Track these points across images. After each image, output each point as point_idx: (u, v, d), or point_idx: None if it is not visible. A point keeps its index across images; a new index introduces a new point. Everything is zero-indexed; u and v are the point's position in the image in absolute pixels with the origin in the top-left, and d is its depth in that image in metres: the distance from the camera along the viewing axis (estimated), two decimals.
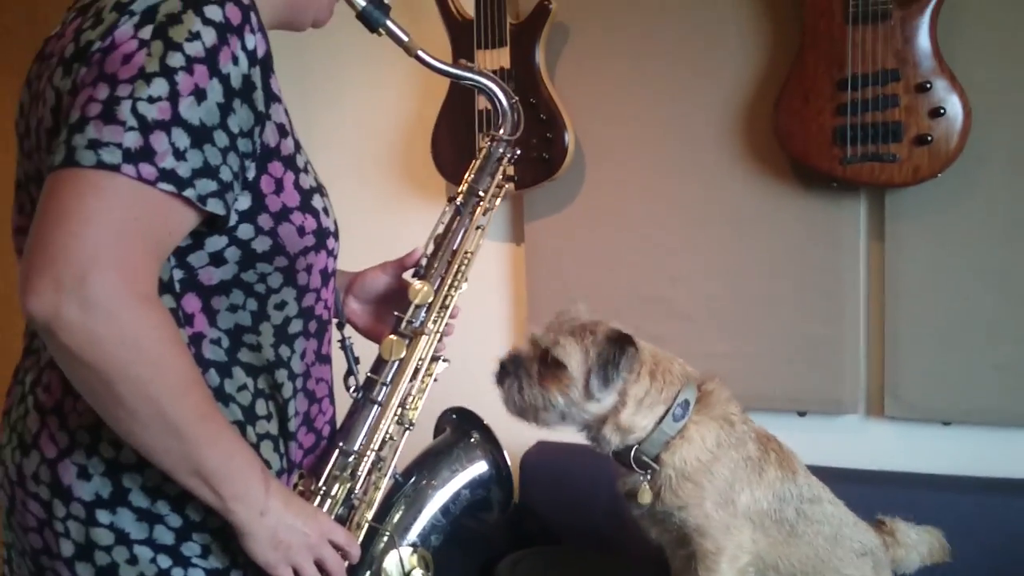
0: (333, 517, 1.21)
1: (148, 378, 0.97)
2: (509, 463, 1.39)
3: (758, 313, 2.26)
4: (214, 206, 1.01)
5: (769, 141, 2.16)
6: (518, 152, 1.44)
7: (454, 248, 1.35)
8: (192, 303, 1.09)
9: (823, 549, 1.59)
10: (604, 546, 2.24)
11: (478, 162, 1.41)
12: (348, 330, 1.35)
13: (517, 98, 1.43)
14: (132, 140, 0.95)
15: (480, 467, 1.38)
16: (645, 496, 1.55)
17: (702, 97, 2.26)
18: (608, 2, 2.32)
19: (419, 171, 2.56)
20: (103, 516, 1.08)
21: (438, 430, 1.46)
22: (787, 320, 2.23)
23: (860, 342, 2.20)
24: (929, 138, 1.96)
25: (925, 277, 2.12)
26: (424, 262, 1.35)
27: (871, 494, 1.88)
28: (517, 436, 2.13)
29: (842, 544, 1.61)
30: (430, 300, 1.31)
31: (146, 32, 0.98)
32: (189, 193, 0.98)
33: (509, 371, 1.55)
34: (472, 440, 1.39)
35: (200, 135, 0.99)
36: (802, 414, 2.25)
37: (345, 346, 1.31)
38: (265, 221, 1.09)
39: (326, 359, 1.26)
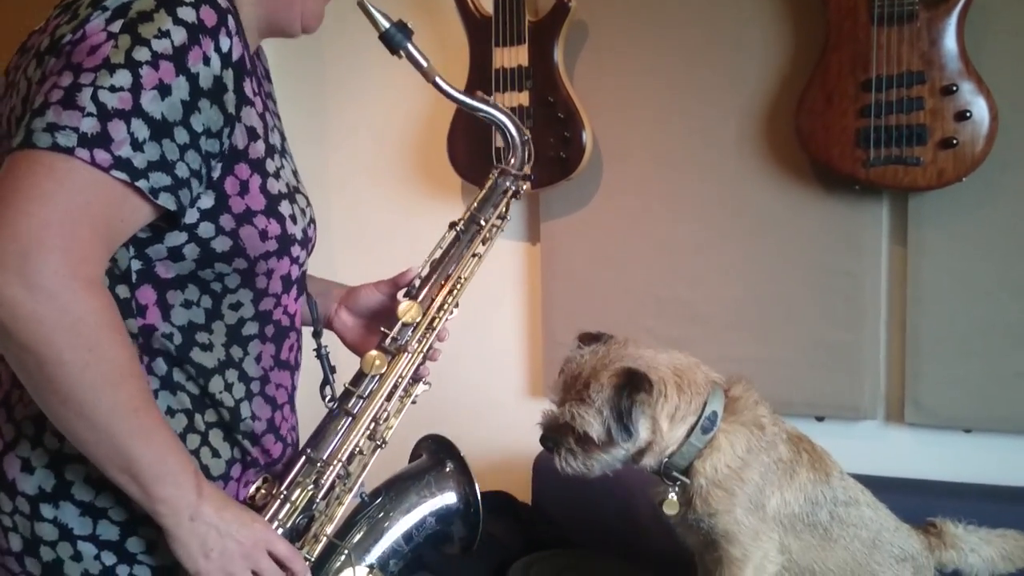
0: (291, 524, 1.19)
1: (83, 363, 0.97)
2: (480, 499, 1.35)
3: (777, 317, 2.23)
4: (165, 200, 1.02)
5: (790, 142, 2.13)
6: (525, 187, 1.43)
7: (449, 273, 1.35)
8: (147, 294, 1.10)
9: (860, 553, 1.57)
10: (618, 550, 2.22)
11: (483, 192, 1.40)
12: (325, 339, 1.35)
13: (529, 135, 1.43)
14: (89, 125, 0.96)
15: (449, 498, 1.35)
16: (672, 507, 1.55)
17: (723, 97, 2.23)
18: (628, 0, 2.29)
19: (435, 169, 2.54)
20: (47, 511, 1.08)
21: (414, 456, 1.44)
22: (806, 324, 2.21)
23: (880, 347, 2.17)
24: (954, 141, 1.93)
25: (948, 282, 2.09)
26: (418, 283, 1.35)
27: (890, 501, 1.85)
28: (530, 437, 2.11)
29: (881, 549, 1.59)
30: (418, 320, 1.30)
31: (116, 26, 1.00)
32: (142, 184, 0.99)
33: (552, 447, 1.56)
34: (446, 470, 1.36)
35: (160, 129, 1.00)
36: (820, 419, 2.22)
37: (321, 355, 1.31)
38: (227, 221, 1.09)
39: (286, 365, 1.25)
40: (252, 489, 1.21)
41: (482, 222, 1.37)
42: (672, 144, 2.29)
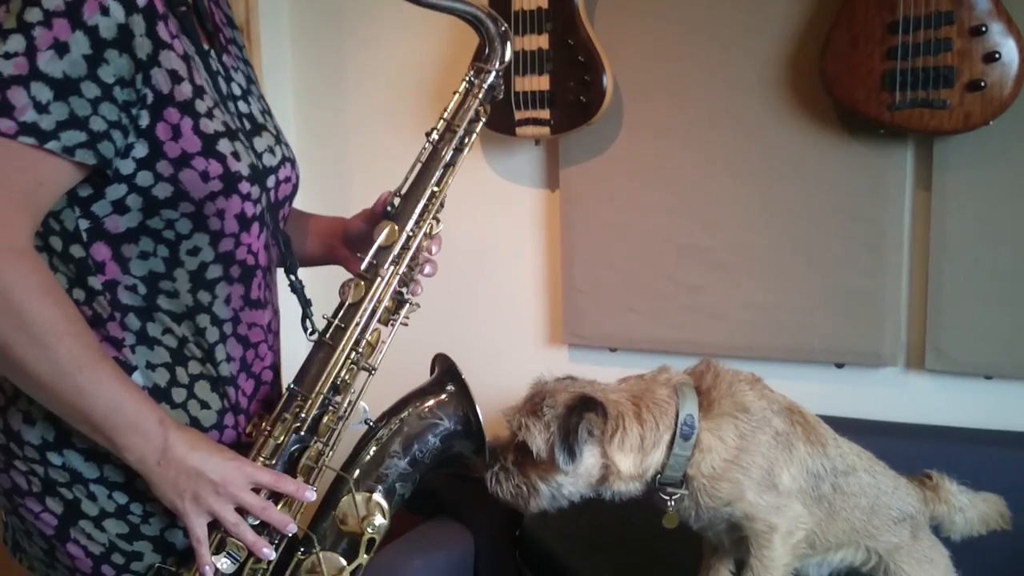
0: (279, 458, 1.21)
1: (12, 328, 1.00)
2: (481, 417, 1.33)
3: (798, 263, 2.22)
4: (83, 156, 1.03)
5: (815, 86, 2.10)
6: (502, 85, 1.36)
7: (426, 188, 1.31)
8: (101, 251, 1.12)
9: (859, 521, 1.55)
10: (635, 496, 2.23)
11: (458, 95, 1.35)
12: (303, 272, 1.34)
13: (507, 25, 1.36)
14: None
15: (451, 420, 1.33)
16: (671, 521, 1.50)
17: (746, 39, 2.19)
18: None
19: None
20: (54, 457, 1.13)
21: (432, 370, 1.43)
22: (828, 270, 2.19)
23: (902, 294, 2.15)
24: (982, 84, 1.89)
25: (972, 229, 2.06)
26: (397, 201, 1.32)
27: (909, 448, 1.85)
28: None
29: (879, 513, 1.57)
30: (394, 240, 1.28)
31: None
32: (52, 145, 1.00)
33: (491, 464, 1.48)
34: (446, 393, 1.35)
35: (64, 88, 1.00)
36: (840, 366, 2.22)
37: (295, 289, 1.30)
38: (164, 168, 1.10)
39: (259, 304, 1.25)
40: (249, 427, 1.24)
41: (456, 128, 1.33)
42: (694, 88, 2.26)
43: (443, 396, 1.34)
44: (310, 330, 1.28)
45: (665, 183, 2.32)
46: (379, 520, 1.25)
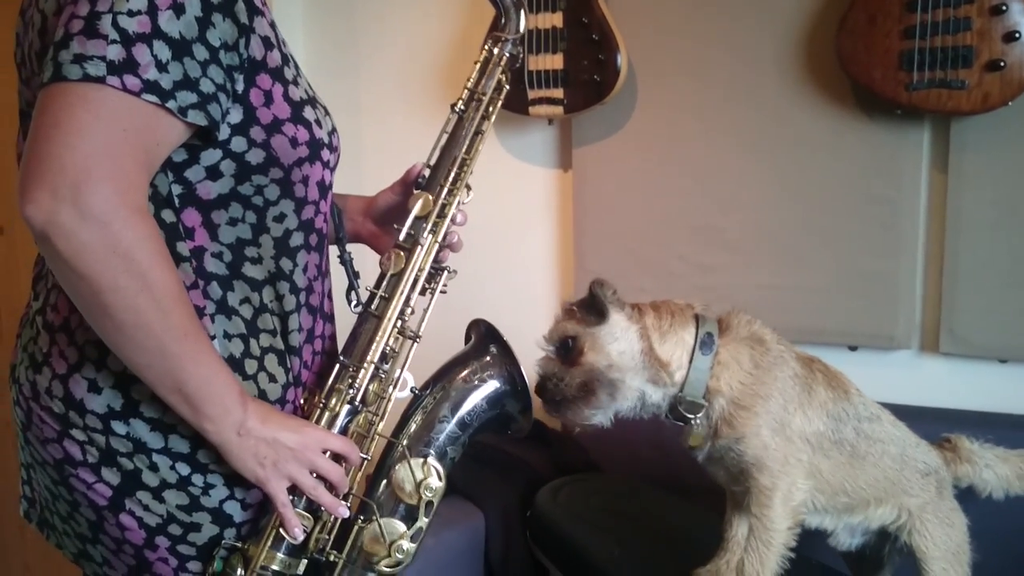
0: (338, 430, 1.23)
1: (135, 289, 1.00)
2: (526, 377, 1.36)
3: (812, 244, 2.20)
4: (195, 117, 1.04)
5: (831, 64, 2.08)
6: (520, 53, 1.39)
7: (455, 156, 1.34)
8: (192, 217, 1.13)
9: (891, 470, 1.56)
10: (645, 475, 2.23)
11: (479, 64, 1.38)
12: (348, 245, 1.37)
13: None
14: (115, 53, 0.98)
15: (496, 381, 1.36)
16: (697, 439, 1.51)
17: (762, 18, 2.17)
18: None
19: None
20: (118, 427, 1.13)
21: (468, 338, 1.45)
22: (842, 252, 2.17)
23: (917, 276, 2.14)
24: (1002, 64, 1.87)
25: (988, 211, 2.05)
26: (427, 172, 1.35)
27: (922, 431, 1.83)
28: None
29: (908, 465, 1.58)
30: (430, 210, 1.30)
31: None
32: (171, 104, 1.01)
33: (545, 386, 1.50)
34: (489, 355, 1.37)
35: (180, 48, 1.01)
36: (853, 349, 2.21)
37: (344, 260, 1.33)
38: (257, 133, 1.11)
39: (325, 274, 1.28)
40: (304, 401, 1.26)
41: (481, 97, 1.36)
42: (709, 67, 2.24)
43: (487, 358, 1.36)
44: (355, 302, 1.30)
45: (678, 163, 2.31)
46: (435, 483, 1.28)
